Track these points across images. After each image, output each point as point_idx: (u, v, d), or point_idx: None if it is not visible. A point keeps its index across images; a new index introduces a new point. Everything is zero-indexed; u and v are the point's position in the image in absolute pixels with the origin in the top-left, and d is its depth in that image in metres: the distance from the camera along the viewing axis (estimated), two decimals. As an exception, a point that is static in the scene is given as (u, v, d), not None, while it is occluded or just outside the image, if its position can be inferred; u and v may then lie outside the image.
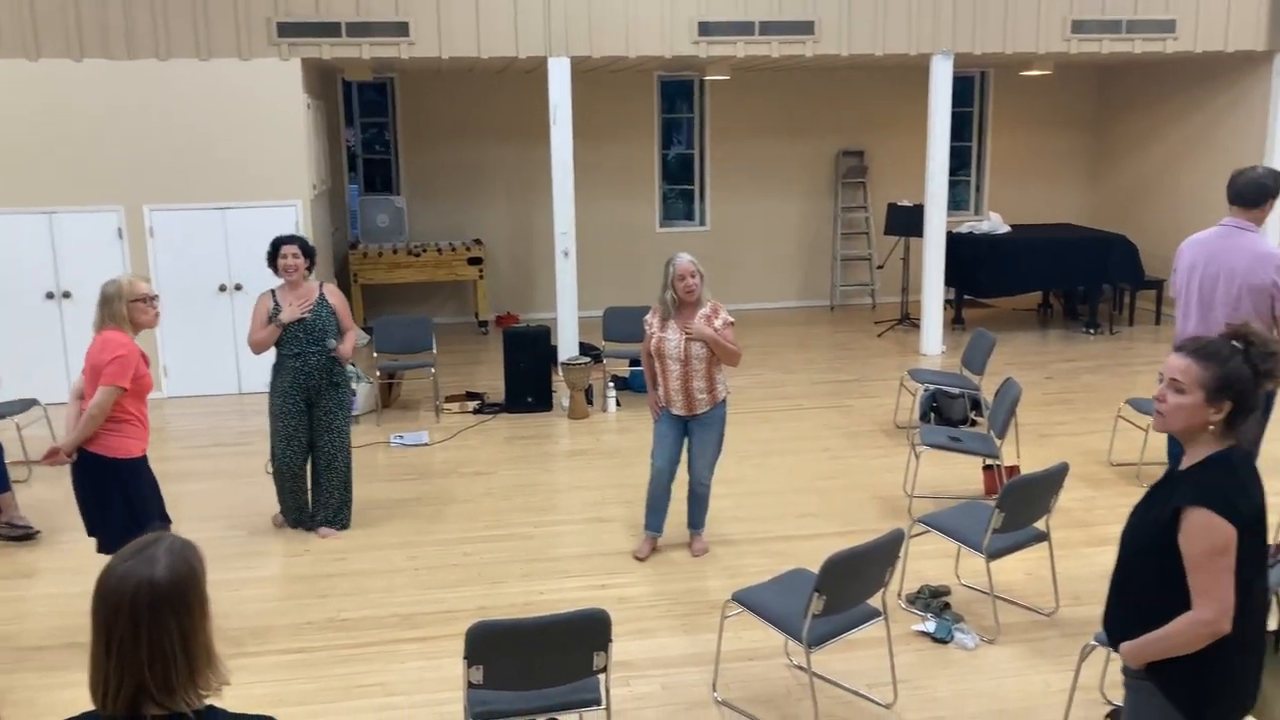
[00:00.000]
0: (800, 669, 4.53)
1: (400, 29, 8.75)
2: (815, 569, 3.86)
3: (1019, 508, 4.71)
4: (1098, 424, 7.87)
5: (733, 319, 5.52)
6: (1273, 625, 3.21)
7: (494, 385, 9.04)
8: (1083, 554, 5.66)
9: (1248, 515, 2.58)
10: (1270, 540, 2.76)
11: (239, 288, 8.98)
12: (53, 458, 4.73)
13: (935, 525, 5.01)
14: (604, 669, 3.52)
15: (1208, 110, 11.24)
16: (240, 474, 7.18)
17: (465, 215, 12.10)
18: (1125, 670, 2.81)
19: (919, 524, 5.06)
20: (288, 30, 8.66)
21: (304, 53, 8.75)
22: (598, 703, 3.59)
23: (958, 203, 12.93)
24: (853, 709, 4.30)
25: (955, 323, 11.34)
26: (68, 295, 8.78)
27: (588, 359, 8.56)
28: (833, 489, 6.73)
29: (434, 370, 8.65)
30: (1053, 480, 4.79)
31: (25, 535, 6.11)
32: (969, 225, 11.66)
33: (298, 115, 8.93)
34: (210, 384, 9.14)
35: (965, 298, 11.62)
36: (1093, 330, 11.12)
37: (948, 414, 7.78)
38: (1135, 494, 2.79)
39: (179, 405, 8.92)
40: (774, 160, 12.50)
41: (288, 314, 5.84)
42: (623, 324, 8.64)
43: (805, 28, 9.36)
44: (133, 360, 4.62)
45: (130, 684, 1.78)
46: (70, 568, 5.67)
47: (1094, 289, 11.21)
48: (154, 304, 4.78)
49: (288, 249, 5.86)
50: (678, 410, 5.55)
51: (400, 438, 7.91)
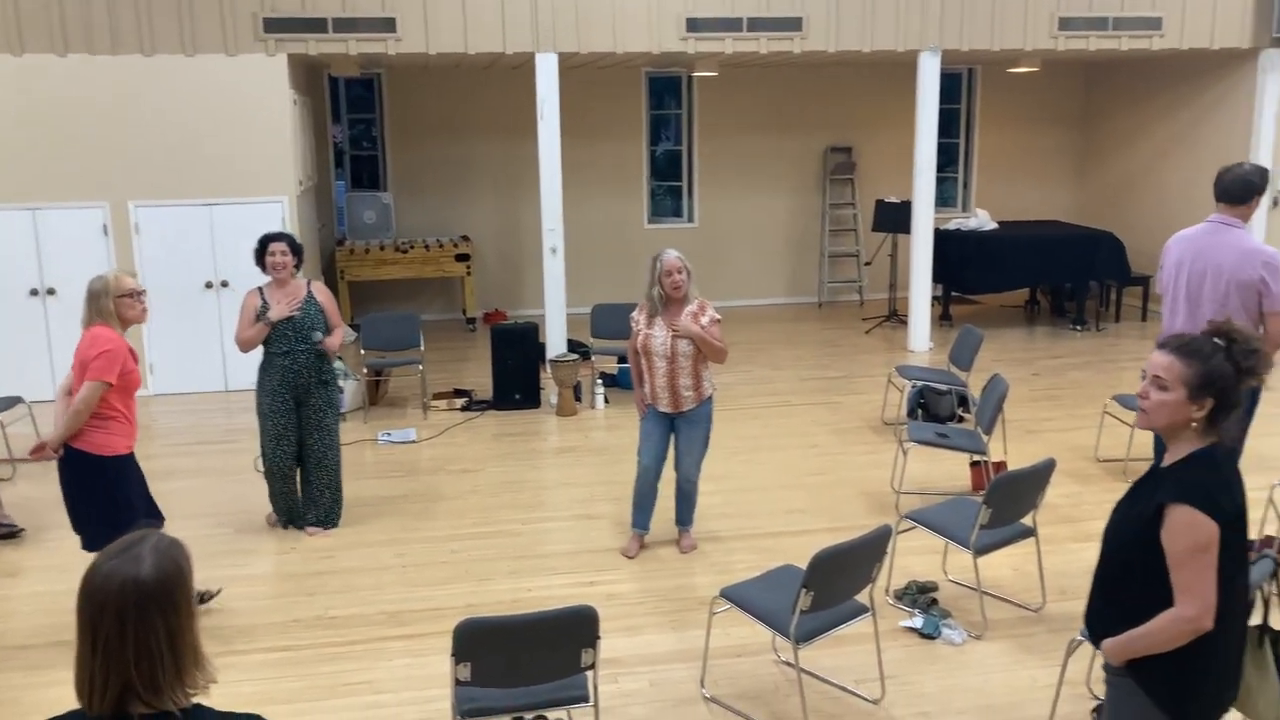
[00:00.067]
0: (788, 665, 4.54)
1: (387, 24, 8.72)
2: (803, 565, 3.87)
3: (1006, 504, 4.73)
4: (1084, 420, 7.90)
5: (719, 316, 5.52)
6: (1256, 620, 3.23)
7: (482, 382, 9.03)
8: (1069, 549, 5.69)
9: (1230, 512, 2.59)
10: (1251, 536, 2.78)
11: (225, 284, 8.95)
12: (39, 453, 4.72)
13: (923, 521, 5.03)
14: (592, 666, 3.53)
15: (1194, 107, 11.29)
16: (226, 471, 7.16)
17: (453, 211, 12.07)
18: (1106, 667, 2.82)
19: (906, 520, 5.08)
20: (274, 26, 8.62)
21: (290, 48, 8.71)
22: (585, 699, 3.60)
23: (945, 199, 12.97)
24: (840, 705, 4.31)
25: (943, 319, 11.38)
26: (52, 292, 8.73)
27: (576, 356, 8.56)
28: (820, 485, 6.75)
29: (421, 367, 8.63)
30: (1039, 476, 4.81)
31: (10, 533, 6.08)
32: (956, 222, 11.68)
33: (284, 111, 8.89)
34: (196, 381, 9.10)
35: (953, 294, 11.64)
36: (1079, 327, 11.17)
37: (935, 410, 7.81)
38: (1122, 489, 2.81)
39: (165, 402, 8.88)
40: (762, 156, 12.50)
41: (276, 312, 5.80)
42: (611, 321, 8.63)
43: (793, 24, 9.37)
44: (120, 355, 4.61)
45: (116, 683, 1.77)
46: (56, 565, 5.65)
47: (1081, 285, 11.25)
48: (141, 299, 4.77)
49: (276, 246, 5.83)
50: (664, 407, 5.55)
51: (388, 435, 7.89)
